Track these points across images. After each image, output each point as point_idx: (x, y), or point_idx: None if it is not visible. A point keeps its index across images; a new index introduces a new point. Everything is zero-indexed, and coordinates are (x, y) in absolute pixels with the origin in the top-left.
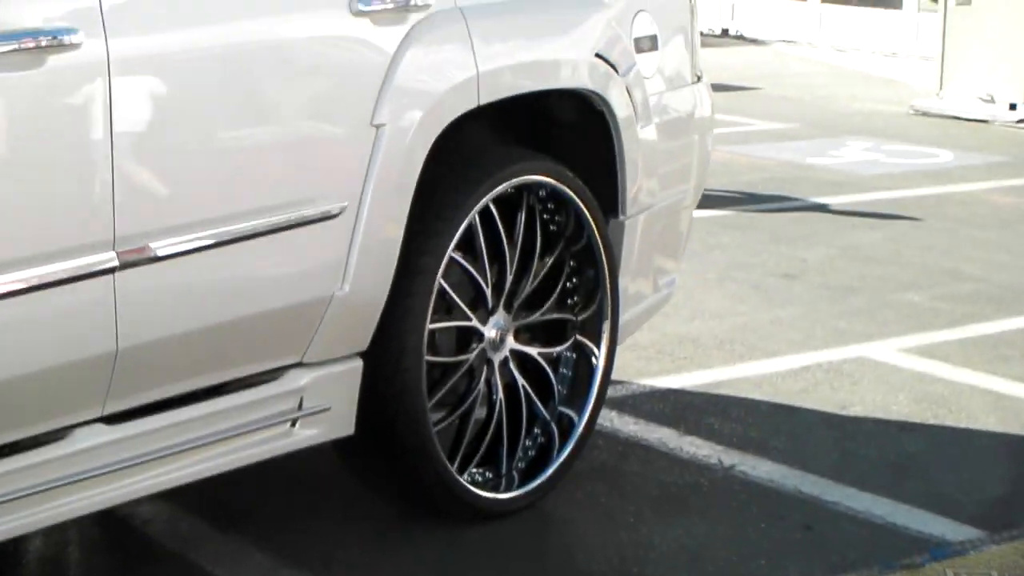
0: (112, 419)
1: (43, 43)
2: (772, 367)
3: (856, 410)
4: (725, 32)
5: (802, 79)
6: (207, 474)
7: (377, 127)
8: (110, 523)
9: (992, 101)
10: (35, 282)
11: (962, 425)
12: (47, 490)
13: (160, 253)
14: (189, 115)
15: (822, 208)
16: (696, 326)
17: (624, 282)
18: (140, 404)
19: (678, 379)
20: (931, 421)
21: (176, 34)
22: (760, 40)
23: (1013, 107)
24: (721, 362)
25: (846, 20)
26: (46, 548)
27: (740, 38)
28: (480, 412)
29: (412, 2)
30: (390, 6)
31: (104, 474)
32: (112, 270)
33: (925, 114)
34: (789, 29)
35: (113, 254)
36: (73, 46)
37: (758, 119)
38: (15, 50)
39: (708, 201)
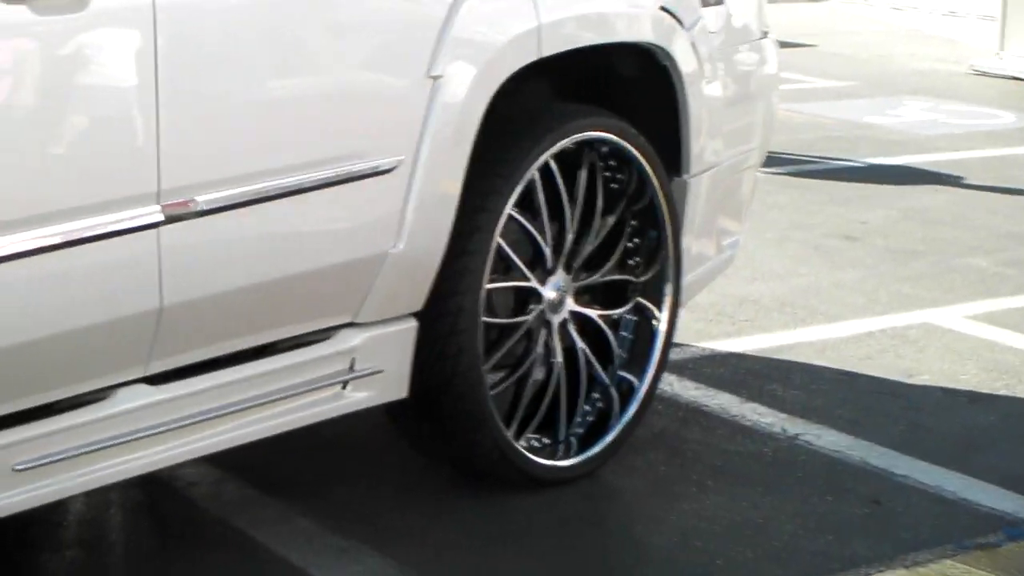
0: (155, 379)
1: None
2: (835, 332)
3: (923, 379)
4: None
5: (858, 37)
6: (253, 438)
7: (434, 79)
8: (153, 486)
9: None
10: (75, 236)
11: None
12: (87, 453)
13: (206, 207)
14: (238, 63)
15: (882, 168)
16: (756, 287)
17: (687, 243)
18: (185, 364)
19: (739, 343)
20: (1001, 392)
21: None
22: None
23: None
24: (782, 326)
25: None
26: (86, 510)
27: None
28: (537, 375)
29: None
30: None
31: (146, 437)
32: (156, 224)
33: (984, 74)
34: None
35: (157, 208)
36: None
37: (815, 76)
38: None
39: (766, 159)
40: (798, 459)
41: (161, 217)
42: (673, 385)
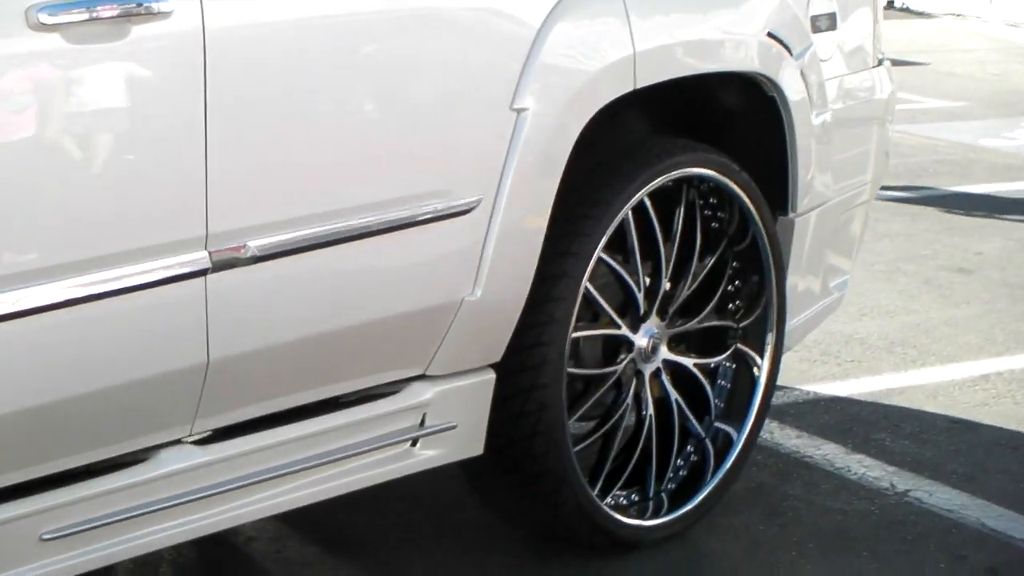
0: (203, 439)
1: (127, 10)
2: (948, 375)
3: None
4: (891, 4)
5: (972, 55)
6: (312, 500)
7: (518, 111)
8: (206, 539)
9: None
10: (114, 285)
11: None
12: (122, 520)
13: (259, 253)
14: (297, 94)
15: (998, 195)
16: (864, 325)
17: (792, 285)
18: (234, 422)
19: (844, 386)
20: None
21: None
22: (927, 13)
23: None
24: (892, 367)
25: None
26: (133, 565)
27: (906, 11)
28: (627, 428)
29: None
30: None
31: (190, 502)
32: (204, 272)
33: None
34: (958, 2)
35: (205, 254)
36: (163, 14)
37: (927, 96)
38: (91, 19)
39: None
40: (908, 519)
41: (209, 264)
42: (774, 433)
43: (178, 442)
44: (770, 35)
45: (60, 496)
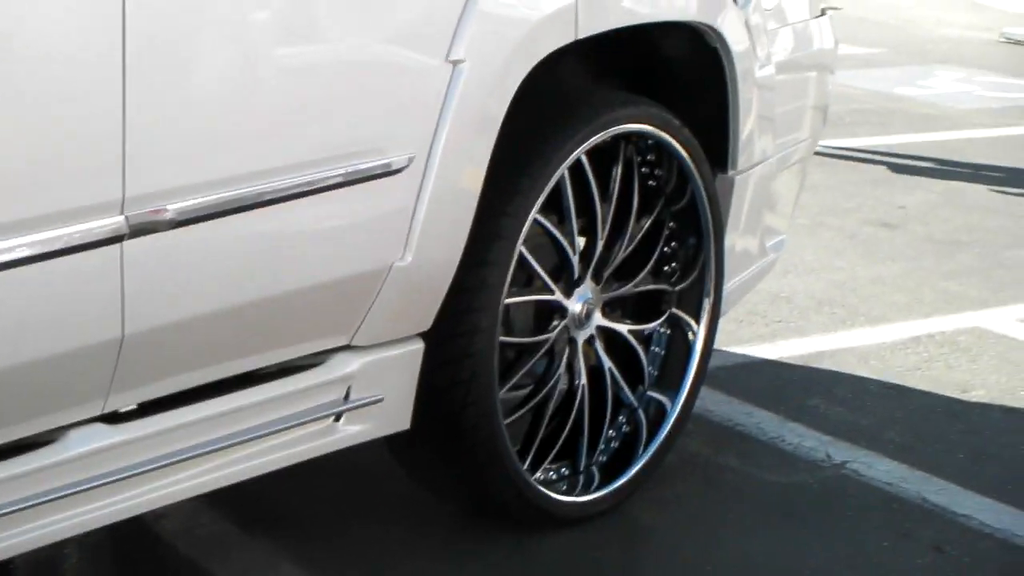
0: (115, 418)
1: None
2: (878, 337)
3: (979, 394)
4: None
5: (885, 0)
6: (231, 481)
7: (454, 63)
8: None
9: None
10: (19, 254)
11: None
12: (28, 507)
13: (179, 217)
14: (220, 44)
15: (918, 146)
16: (790, 282)
17: (729, 246)
18: (150, 399)
19: (773, 348)
20: None
21: None
22: None
23: None
24: (820, 328)
25: None
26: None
27: None
28: (558, 399)
29: None
30: None
31: (103, 485)
32: (119, 238)
33: (1017, 42)
34: None
35: (121, 218)
36: None
37: (841, 43)
38: None
39: None
40: (848, 493)
41: (125, 229)
42: (705, 399)
43: (89, 421)
44: None
45: None
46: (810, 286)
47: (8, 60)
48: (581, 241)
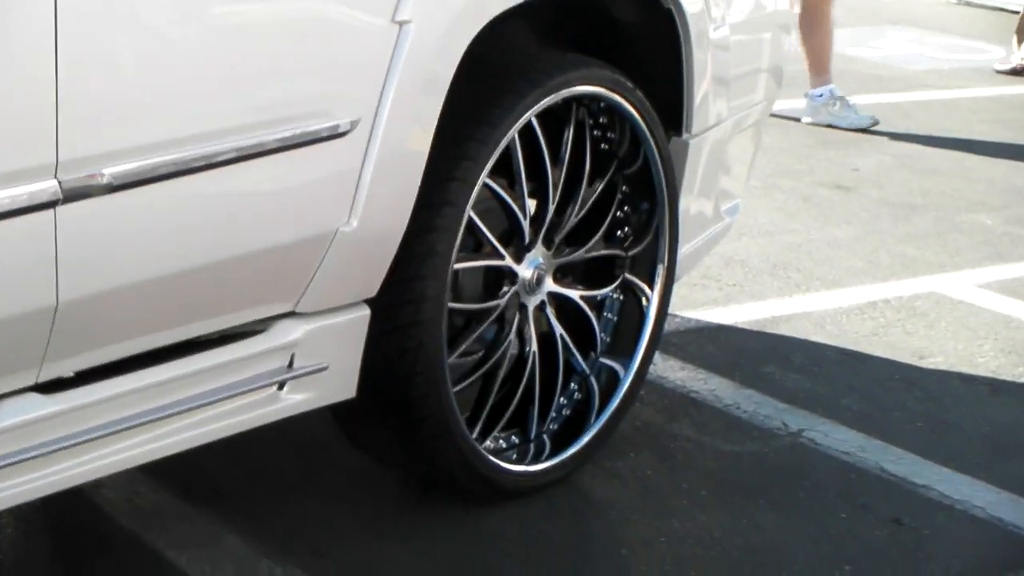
0: (49, 387)
1: None
2: (834, 301)
3: (936, 361)
4: None
5: None
6: (172, 451)
7: (400, 23)
8: None
9: None
10: None
11: None
12: None
13: (115, 181)
14: (157, 1)
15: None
16: (744, 245)
17: (683, 210)
18: (86, 367)
19: (728, 313)
20: None
21: None
22: None
23: None
24: (775, 293)
25: None
26: None
27: None
28: (507, 366)
29: None
30: None
31: (38, 456)
32: (53, 203)
33: (967, 3)
34: None
35: (55, 183)
36: None
37: (795, 3)
38: None
39: None
40: (805, 463)
41: (59, 194)
42: (658, 365)
43: (22, 391)
44: None
45: None
46: (764, 249)
47: None
48: (532, 205)
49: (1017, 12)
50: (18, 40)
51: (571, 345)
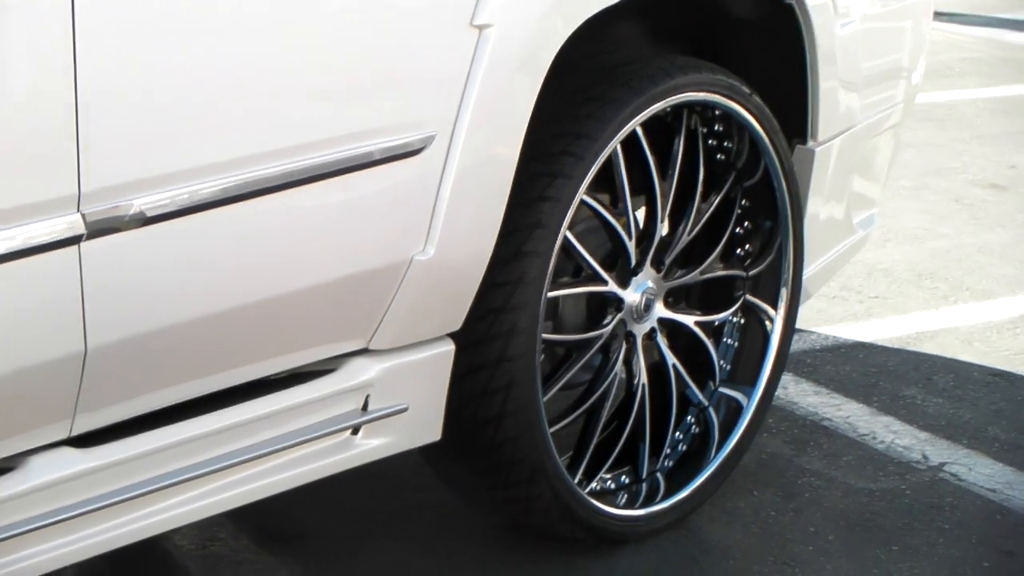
0: (86, 440)
1: None
2: (984, 315)
3: None
4: None
5: None
6: (234, 504)
7: (479, 28)
8: None
9: None
10: None
11: None
12: None
13: (150, 212)
14: (197, 8)
15: None
16: (889, 252)
17: (810, 225)
18: (126, 418)
19: (868, 328)
20: None
21: None
22: None
23: None
24: (920, 305)
25: None
26: None
27: None
28: (614, 400)
29: None
30: None
31: (75, 517)
32: (76, 239)
33: None
34: None
35: (78, 216)
36: None
37: None
38: None
39: None
40: (944, 502)
41: (83, 229)
42: (788, 389)
43: (54, 446)
44: None
45: None
46: (910, 256)
47: None
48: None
49: None
50: (34, 63)
51: (685, 376)
